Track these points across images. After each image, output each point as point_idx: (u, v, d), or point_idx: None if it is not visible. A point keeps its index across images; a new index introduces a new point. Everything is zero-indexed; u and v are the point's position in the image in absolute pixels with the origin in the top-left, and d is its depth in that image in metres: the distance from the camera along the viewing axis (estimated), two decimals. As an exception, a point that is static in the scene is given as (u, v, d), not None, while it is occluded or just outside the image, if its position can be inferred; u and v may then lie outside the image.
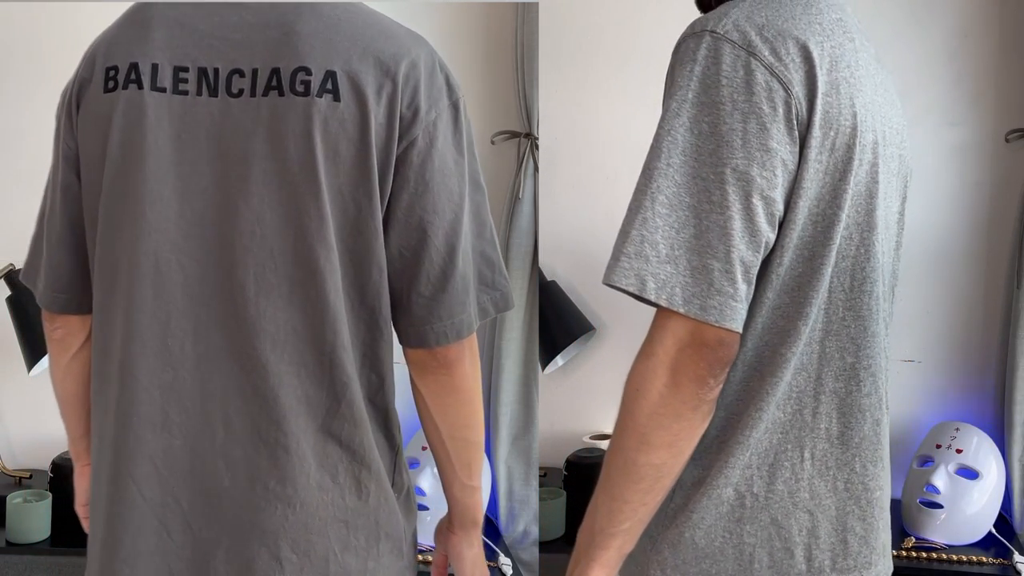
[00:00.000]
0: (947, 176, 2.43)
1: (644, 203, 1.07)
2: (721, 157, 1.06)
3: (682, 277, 1.05)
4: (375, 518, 1.22)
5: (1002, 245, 2.40)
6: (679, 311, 1.04)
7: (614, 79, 2.55)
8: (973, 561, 2.15)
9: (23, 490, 2.33)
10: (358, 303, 1.18)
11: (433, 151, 1.18)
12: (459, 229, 1.20)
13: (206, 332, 1.14)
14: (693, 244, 1.05)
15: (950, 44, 2.41)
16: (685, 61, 1.10)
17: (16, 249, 2.52)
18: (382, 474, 1.23)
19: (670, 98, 1.10)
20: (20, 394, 2.55)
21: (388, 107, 1.15)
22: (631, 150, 2.52)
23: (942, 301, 2.45)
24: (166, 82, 1.15)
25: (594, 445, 2.51)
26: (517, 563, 2.27)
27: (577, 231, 2.58)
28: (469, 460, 1.30)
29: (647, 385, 1.06)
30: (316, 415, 1.17)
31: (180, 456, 1.16)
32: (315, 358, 1.16)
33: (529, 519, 2.38)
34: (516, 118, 2.41)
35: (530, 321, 2.42)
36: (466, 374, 1.24)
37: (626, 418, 1.09)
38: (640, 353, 1.08)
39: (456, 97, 1.22)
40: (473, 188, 1.24)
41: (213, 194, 1.14)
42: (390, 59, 1.17)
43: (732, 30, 1.09)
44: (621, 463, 1.10)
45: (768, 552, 1.15)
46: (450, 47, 2.47)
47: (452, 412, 1.26)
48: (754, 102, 1.06)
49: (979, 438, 2.28)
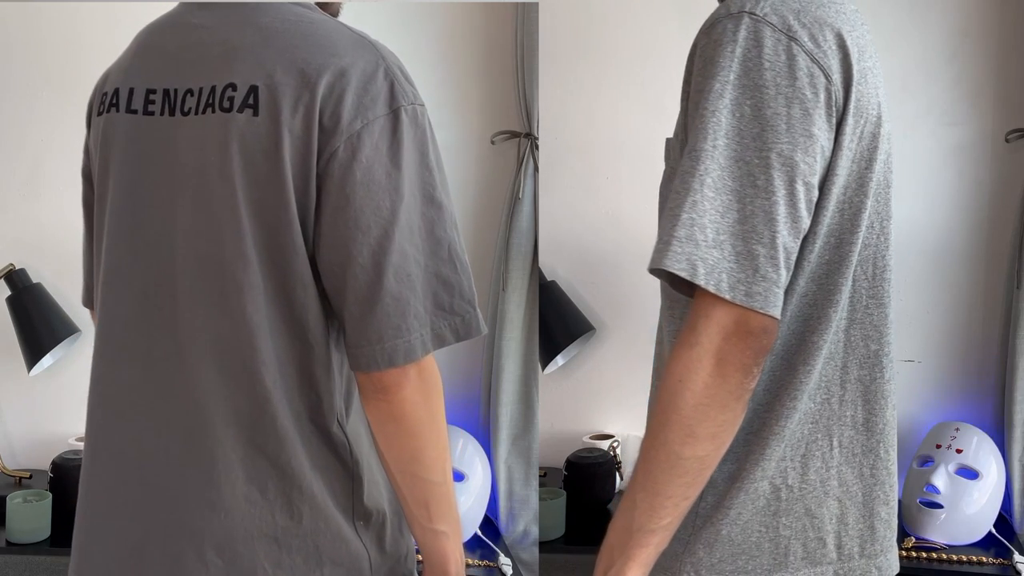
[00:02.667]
0: (947, 176, 2.43)
1: (693, 185, 1.03)
2: (766, 141, 1.04)
3: (727, 263, 1.02)
4: (314, 542, 1.18)
5: (1002, 245, 2.40)
6: (725, 297, 1.01)
7: (614, 79, 2.55)
8: (973, 561, 2.15)
9: (23, 490, 2.33)
10: (286, 318, 1.15)
11: (355, 164, 1.12)
12: (388, 247, 1.12)
13: (158, 336, 1.19)
14: (737, 229, 1.03)
15: (950, 44, 2.41)
16: (725, 42, 1.07)
17: (16, 249, 2.53)
18: (321, 498, 1.18)
19: (711, 78, 1.06)
20: (20, 394, 2.55)
21: (305, 119, 1.11)
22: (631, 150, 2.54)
23: (942, 301, 2.45)
24: (138, 104, 1.22)
25: (594, 445, 2.51)
26: (517, 563, 2.27)
27: (577, 231, 2.58)
28: (425, 499, 1.20)
29: (692, 376, 1.03)
30: (243, 426, 1.16)
31: (130, 449, 1.22)
32: (239, 369, 1.15)
33: (529, 519, 2.38)
34: (516, 118, 2.41)
35: (530, 321, 2.42)
36: (409, 403, 1.15)
37: (669, 410, 1.05)
38: (681, 342, 1.05)
39: (399, 105, 1.15)
40: (425, 203, 1.15)
41: (161, 209, 1.19)
42: (313, 69, 1.13)
43: (771, 13, 1.07)
44: (664, 457, 1.06)
45: (802, 543, 1.15)
46: (450, 47, 2.48)
47: (396, 443, 1.17)
48: (797, 87, 1.06)
49: (979, 438, 2.28)
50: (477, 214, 2.50)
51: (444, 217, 1.17)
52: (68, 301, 2.49)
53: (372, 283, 1.12)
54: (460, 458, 2.34)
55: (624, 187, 2.55)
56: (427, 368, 1.16)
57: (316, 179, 1.12)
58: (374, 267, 1.12)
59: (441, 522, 1.21)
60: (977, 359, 2.46)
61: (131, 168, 1.22)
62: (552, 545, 2.30)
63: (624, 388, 2.56)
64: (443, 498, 1.21)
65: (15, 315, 2.43)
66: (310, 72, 1.12)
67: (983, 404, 2.45)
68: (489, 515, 2.41)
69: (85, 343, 2.51)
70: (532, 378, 2.42)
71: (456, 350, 2.51)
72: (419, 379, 1.15)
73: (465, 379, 2.54)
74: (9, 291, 2.43)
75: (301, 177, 1.12)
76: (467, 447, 2.37)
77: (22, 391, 2.54)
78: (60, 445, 2.46)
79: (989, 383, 2.45)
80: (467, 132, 2.47)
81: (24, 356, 2.43)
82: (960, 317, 2.46)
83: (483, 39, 2.48)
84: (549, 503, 2.33)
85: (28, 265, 2.47)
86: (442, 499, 1.21)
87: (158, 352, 1.19)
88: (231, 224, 1.13)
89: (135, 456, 1.22)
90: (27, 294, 2.43)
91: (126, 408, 1.23)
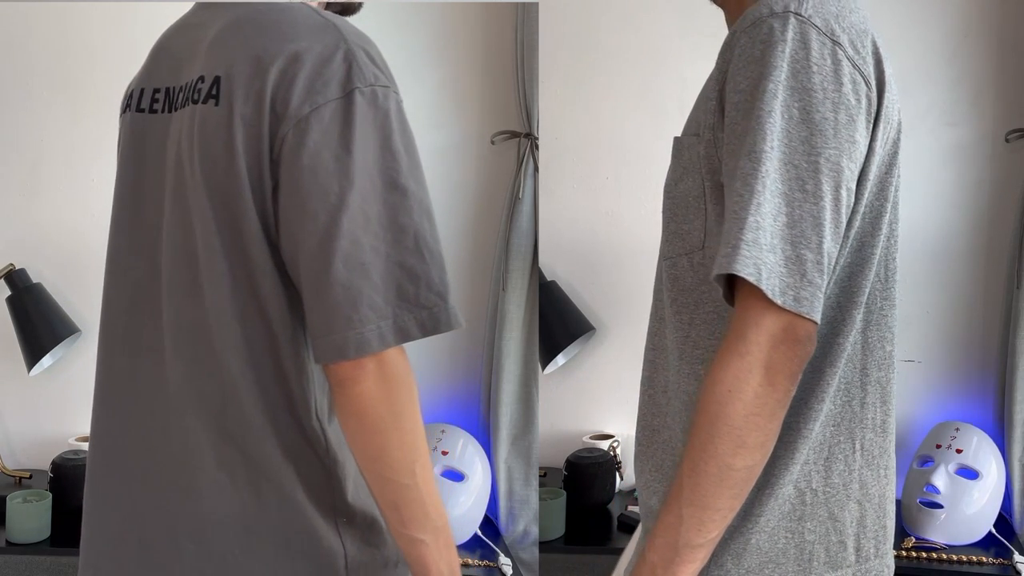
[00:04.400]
0: (947, 176, 2.43)
1: (756, 187, 1.01)
2: (815, 145, 1.03)
3: (779, 267, 1.01)
4: (283, 533, 1.16)
5: (1002, 245, 2.40)
6: (776, 303, 1.00)
7: (614, 79, 2.55)
8: (973, 561, 2.14)
9: (23, 490, 2.33)
10: (254, 307, 1.14)
11: (303, 149, 1.08)
12: (335, 233, 1.07)
13: (148, 325, 1.21)
14: (787, 233, 1.02)
15: (950, 44, 2.41)
16: (774, 41, 1.04)
17: (16, 249, 2.53)
18: (291, 491, 1.16)
19: (764, 78, 1.04)
20: (20, 394, 2.55)
21: (256, 105, 1.10)
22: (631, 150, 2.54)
23: (942, 301, 2.45)
24: (145, 104, 1.25)
25: (594, 445, 2.51)
26: (517, 563, 2.27)
27: (577, 231, 2.58)
28: (394, 502, 1.14)
29: (742, 385, 1.01)
30: (213, 413, 1.16)
31: (119, 436, 1.25)
32: (209, 357, 1.15)
33: (529, 519, 2.38)
34: (516, 118, 2.41)
35: (530, 321, 2.42)
36: (368, 399, 1.09)
37: (718, 422, 1.02)
38: (728, 351, 1.02)
39: (353, 87, 1.10)
40: (387, 189, 1.10)
41: (154, 203, 1.22)
42: (268, 56, 1.11)
43: (815, 15, 1.06)
44: (715, 469, 1.03)
45: (825, 547, 1.14)
46: (450, 47, 2.48)
47: (358, 440, 1.12)
48: (843, 92, 1.05)
49: (979, 438, 2.28)
50: (477, 214, 2.50)
51: (409, 204, 1.11)
52: (68, 301, 2.50)
53: (320, 272, 1.08)
54: (460, 458, 2.35)
55: (624, 187, 2.55)
56: (389, 362, 1.09)
57: (271, 166, 1.11)
58: (321, 255, 1.08)
59: (416, 528, 1.15)
60: (977, 359, 2.46)
61: (134, 164, 1.25)
62: (552, 545, 2.30)
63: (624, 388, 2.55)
64: (414, 502, 1.14)
65: (15, 315, 2.43)
66: (264, 58, 1.11)
67: (983, 404, 2.45)
68: (489, 515, 2.41)
69: (85, 343, 2.51)
70: (532, 378, 2.42)
71: (456, 350, 2.53)
72: (379, 373, 1.09)
73: (465, 379, 2.54)
74: (9, 291, 2.43)
75: (255, 165, 1.11)
76: (467, 447, 2.37)
77: (22, 391, 2.54)
78: (60, 445, 2.46)
79: (989, 383, 2.45)
80: (467, 132, 2.47)
81: (24, 356, 2.43)
82: (960, 317, 2.46)
83: (483, 39, 2.48)
84: (549, 503, 2.33)
85: (28, 265, 2.47)
86: (413, 503, 1.14)
87: (146, 342, 1.21)
88: (199, 214, 1.14)
89: (124, 443, 1.24)
90: (27, 294, 2.43)
91: (118, 396, 1.26)
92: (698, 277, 1.15)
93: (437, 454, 2.32)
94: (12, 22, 2.51)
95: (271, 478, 1.15)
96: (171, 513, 1.18)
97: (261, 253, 1.12)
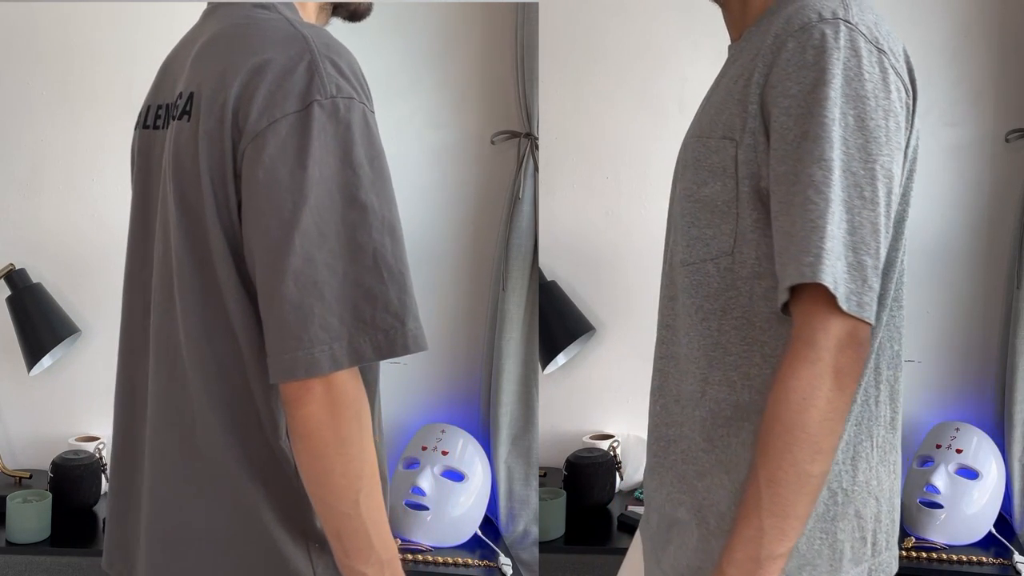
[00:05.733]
0: (947, 176, 2.43)
1: (830, 196, 1.03)
2: (870, 153, 1.05)
3: (844, 274, 1.03)
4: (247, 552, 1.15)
5: (1002, 245, 2.40)
6: (842, 308, 1.02)
7: (614, 79, 2.55)
8: (973, 561, 2.15)
9: (23, 490, 2.33)
10: (222, 325, 1.13)
11: (259, 164, 1.06)
12: (287, 250, 1.04)
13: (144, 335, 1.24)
14: (848, 240, 1.04)
15: (950, 44, 2.41)
16: (828, 48, 1.05)
17: (16, 249, 2.53)
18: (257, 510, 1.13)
19: (824, 85, 1.05)
20: (20, 394, 2.55)
21: (218, 120, 1.09)
22: (631, 150, 2.54)
23: (942, 301, 2.45)
24: (150, 120, 1.27)
25: (594, 445, 2.51)
26: (517, 563, 2.27)
27: (577, 231, 2.58)
28: (336, 530, 1.10)
29: (816, 392, 1.02)
30: (185, 426, 1.15)
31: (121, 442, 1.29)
32: (181, 371, 1.15)
33: (529, 519, 2.38)
34: (516, 118, 2.41)
35: (530, 321, 2.42)
36: (313, 421, 1.06)
37: (795, 430, 1.03)
38: (798, 359, 1.04)
39: (312, 99, 1.06)
40: (346, 205, 1.06)
41: (153, 215, 1.23)
42: (232, 69, 1.09)
43: (860, 23, 1.08)
44: (795, 477, 1.04)
45: (851, 544, 1.15)
46: (450, 47, 2.48)
47: (303, 463, 1.09)
48: (891, 100, 1.07)
49: (979, 438, 2.28)
50: (477, 214, 2.50)
51: (369, 220, 1.07)
52: (68, 301, 2.50)
53: (272, 290, 1.05)
54: (460, 458, 2.35)
55: (624, 187, 2.55)
56: (338, 385, 1.06)
57: (235, 181, 1.09)
58: (273, 273, 1.05)
59: (359, 560, 1.10)
60: (977, 359, 2.46)
61: (142, 180, 1.27)
62: (552, 545, 2.30)
63: (624, 388, 2.56)
64: (356, 532, 1.09)
65: (15, 315, 2.43)
66: (229, 72, 1.10)
67: (983, 404, 2.45)
68: (489, 515, 2.41)
69: (85, 343, 2.51)
70: (532, 378, 2.42)
71: (456, 350, 2.53)
72: (326, 397, 1.05)
73: (465, 379, 2.54)
74: (9, 291, 2.43)
75: (220, 180, 1.09)
76: (467, 447, 2.37)
77: (22, 391, 2.54)
78: (60, 445, 2.46)
79: (989, 383, 2.45)
80: (467, 132, 2.47)
81: (24, 356, 2.43)
82: (960, 317, 2.46)
83: (483, 39, 2.48)
84: (549, 503, 2.33)
85: (28, 265, 2.47)
86: (355, 533, 1.09)
87: (142, 351, 1.24)
88: (173, 230, 1.14)
89: (122, 449, 1.28)
90: (27, 294, 2.43)
91: (123, 403, 1.29)
92: (725, 282, 1.15)
93: (437, 454, 2.33)
94: (13, 22, 2.51)
95: (238, 497, 1.13)
96: (149, 522, 1.19)
97: (227, 270, 1.10)
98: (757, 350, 1.13)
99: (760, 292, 1.12)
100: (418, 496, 2.27)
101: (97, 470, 2.36)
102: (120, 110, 2.47)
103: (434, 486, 2.28)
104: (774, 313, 1.11)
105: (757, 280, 1.12)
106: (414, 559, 2.22)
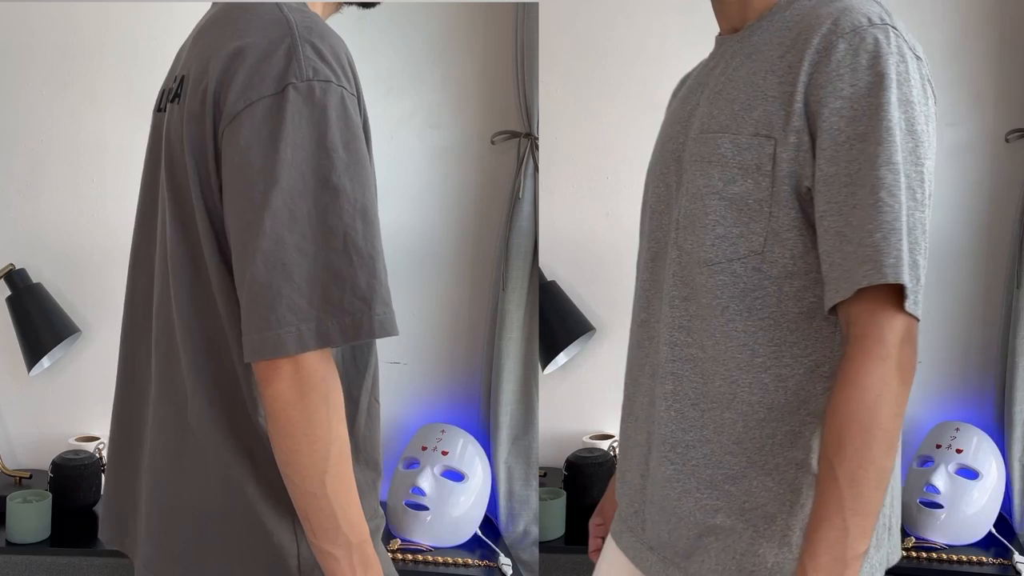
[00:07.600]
0: (947, 176, 2.43)
1: (902, 198, 1.05)
2: (920, 156, 1.08)
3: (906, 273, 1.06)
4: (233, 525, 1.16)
5: (1002, 245, 2.40)
6: (906, 306, 1.04)
7: (614, 79, 2.55)
8: (973, 561, 2.15)
9: (23, 490, 2.33)
10: (208, 305, 1.15)
11: (235, 146, 1.07)
12: (257, 232, 1.05)
13: (148, 316, 1.26)
14: (906, 241, 1.06)
15: (950, 44, 2.42)
16: (883, 53, 1.07)
17: (16, 249, 2.53)
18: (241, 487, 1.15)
19: (884, 89, 1.06)
20: (20, 394, 2.55)
21: (201, 103, 1.10)
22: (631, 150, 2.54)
23: (942, 301, 2.45)
24: (163, 103, 1.27)
25: (594, 445, 2.51)
26: (517, 563, 2.27)
27: (577, 231, 2.58)
28: (304, 511, 1.11)
29: (888, 389, 1.04)
30: (178, 405, 1.18)
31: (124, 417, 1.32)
32: (175, 350, 1.19)
33: (529, 519, 2.38)
34: (516, 118, 2.41)
35: (530, 321, 2.42)
36: (280, 401, 1.07)
37: (872, 427, 1.04)
38: (869, 356, 1.05)
39: (288, 82, 1.07)
40: (319, 188, 1.07)
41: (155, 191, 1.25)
42: (216, 53, 1.11)
43: (899, 27, 1.10)
44: (875, 474, 1.05)
45: (878, 532, 1.17)
46: (450, 47, 2.48)
47: (273, 440, 1.10)
48: (929, 104, 1.11)
49: (979, 438, 2.28)
50: (477, 214, 2.50)
51: (341, 204, 1.07)
52: (68, 301, 2.50)
53: (243, 270, 1.07)
54: (460, 458, 2.35)
55: (624, 187, 2.55)
56: (306, 366, 1.07)
57: (216, 163, 1.11)
58: (244, 254, 1.07)
59: (326, 541, 1.11)
60: (977, 359, 2.46)
61: (151, 161, 1.29)
62: (552, 545, 2.30)
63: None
64: (322, 512, 1.11)
65: (15, 315, 2.43)
66: (213, 56, 1.11)
67: (983, 404, 2.45)
68: (489, 515, 2.41)
69: (85, 343, 2.51)
70: (532, 378, 2.42)
71: (456, 350, 2.53)
72: (294, 377, 1.06)
73: (465, 379, 2.54)
74: (9, 291, 2.43)
75: (202, 162, 1.11)
76: (467, 447, 2.37)
77: (22, 391, 2.54)
78: (60, 445, 2.46)
79: (989, 383, 2.45)
80: (467, 132, 2.48)
81: (24, 356, 2.43)
82: (960, 317, 2.46)
83: (483, 39, 2.48)
84: (549, 503, 2.33)
85: (28, 265, 2.47)
86: (322, 515, 1.11)
87: (144, 328, 1.26)
88: (167, 207, 1.17)
89: (122, 424, 1.32)
90: (27, 294, 2.43)
91: (125, 383, 1.32)
92: (752, 283, 1.14)
93: (437, 454, 2.33)
94: (13, 22, 2.51)
95: (225, 471, 1.16)
96: (149, 494, 1.23)
97: (211, 250, 1.12)
98: (787, 351, 1.13)
99: (790, 292, 1.13)
100: (418, 496, 2.28)
101: (97, 470, 2.36)
102: (120, 110, 2.47)
103: (434, 486, 2.28)
104: (802, 313, 1.12)
105: (788, 280, 1.13)
106: (414, 559, 2.22)
